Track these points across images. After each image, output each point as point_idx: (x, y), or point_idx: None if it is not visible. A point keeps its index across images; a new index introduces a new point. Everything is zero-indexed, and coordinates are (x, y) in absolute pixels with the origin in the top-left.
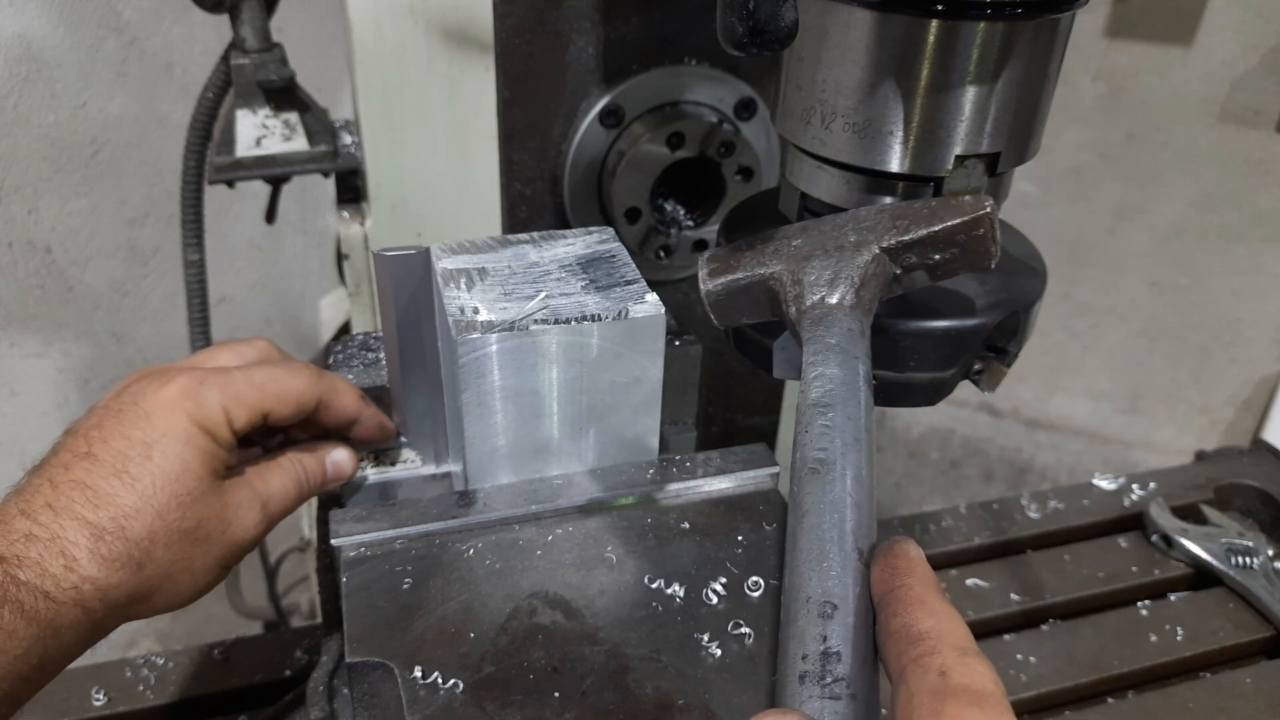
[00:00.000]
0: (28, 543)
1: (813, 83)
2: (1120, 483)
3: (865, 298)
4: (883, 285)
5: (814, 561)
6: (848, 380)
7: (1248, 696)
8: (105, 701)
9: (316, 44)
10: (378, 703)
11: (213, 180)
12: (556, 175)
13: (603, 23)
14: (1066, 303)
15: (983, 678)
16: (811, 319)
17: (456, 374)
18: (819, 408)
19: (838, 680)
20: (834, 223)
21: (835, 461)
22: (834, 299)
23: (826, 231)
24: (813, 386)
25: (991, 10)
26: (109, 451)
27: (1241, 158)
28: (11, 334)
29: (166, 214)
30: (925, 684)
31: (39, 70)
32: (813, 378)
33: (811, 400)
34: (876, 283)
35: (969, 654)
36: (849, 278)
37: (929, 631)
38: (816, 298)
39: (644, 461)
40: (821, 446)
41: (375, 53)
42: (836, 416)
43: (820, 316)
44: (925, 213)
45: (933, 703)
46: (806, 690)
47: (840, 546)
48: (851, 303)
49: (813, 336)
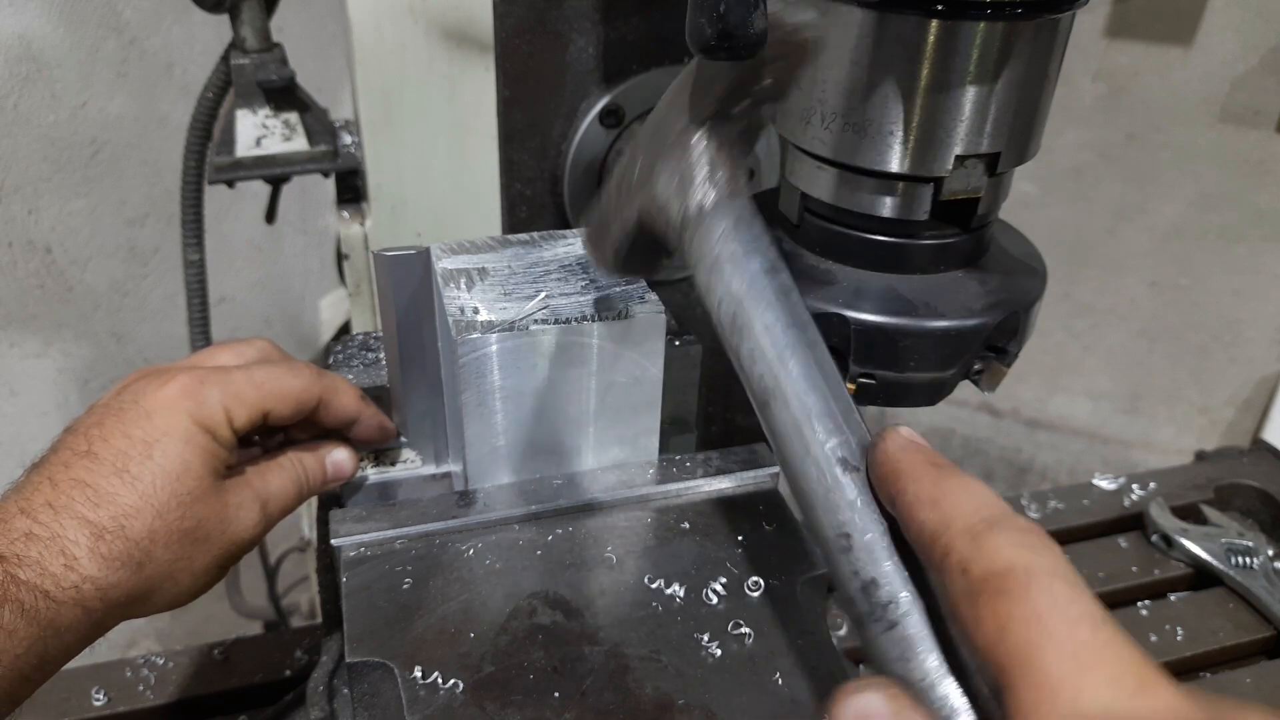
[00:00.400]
0: (28, 541)
1: (812, 83)
2: (1120, 483)
3: (724, 180)
4: (735, 153)
5: (811, 497)
6: (752, 285)
7: (1248, 696)
8: (105, 701)
9: (316, 44)
10: (378, 703)
11: (213, 180)
12: (556, 175)
13: (603, 23)
14: (1066, 303)
15: (999, 552)
16: (691, 237)
17: (456, 374)
18: (735, 332)
19: (884, 606)
20: (656, 121)
21: (776, 386)
22: (693, 204)
23: (653, 136)
24: (720, 311)
25: (991, 10)
26: (109, 450)
27: (1241, 158)
28: (11, 334)
29: (166, 214)
30: (956, 590)
31: (39, 70)
32: (716, 302)
33: (725, 327)
34: (727, 158)
35: (979, 532)
36: (696, 174)
37: (935, 527)
38: (678, 213)
39: (644, 461)
40: (758, 375)
41: (375, 53)
42: (756, 334)
43: (695, 230)
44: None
45: (968, 609)
46: (869, 630)
47: (823, 470)
48: (715, 198)
49: (699, 255)
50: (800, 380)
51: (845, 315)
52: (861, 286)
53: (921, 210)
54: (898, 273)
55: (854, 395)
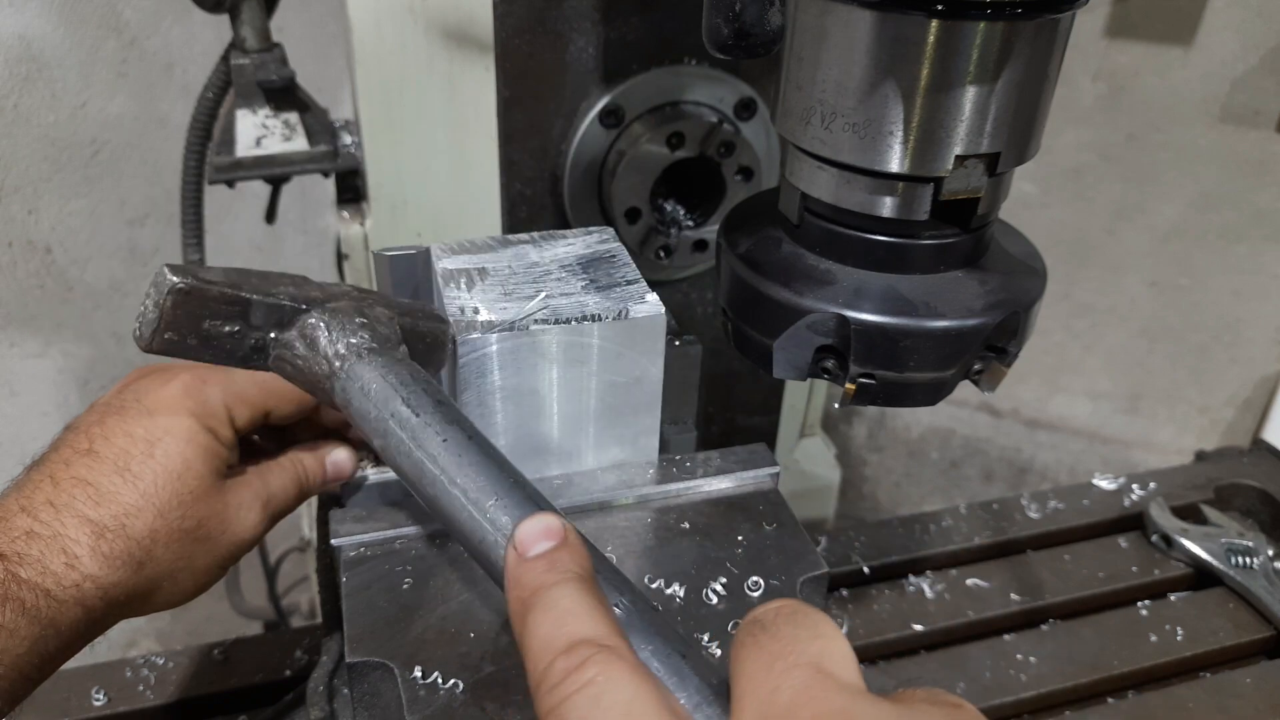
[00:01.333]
0: (29, 540)
1: (813, 83)
2: (1120, 483)
3: (337, 349)
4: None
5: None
6: (402, 433)
7: (1248, 696)
8: (105, 701)
9: (316, 44)
10: (378, 703)
11: (213, 180)
12: (556, 175)
13: (603, 23)
14: (1066, 303)
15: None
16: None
17: (456, 374)
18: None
19: None
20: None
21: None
22: (324, 368)
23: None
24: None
25: (991, 10)
26: (111, 449)
27: (1241, 158)
28: (11, 334)
29: (166, 214)
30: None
31: (39, 70)
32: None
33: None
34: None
35: (538, 688)
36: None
37: (529, 661)
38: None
39: (644, 461)
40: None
41: (375, 53)
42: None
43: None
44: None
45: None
46: None
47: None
48: (328, 369)
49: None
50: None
51: (846, 315)
52: (862, 286)
53: (921, 210)
54: (898, 273)
55: (854, 395)
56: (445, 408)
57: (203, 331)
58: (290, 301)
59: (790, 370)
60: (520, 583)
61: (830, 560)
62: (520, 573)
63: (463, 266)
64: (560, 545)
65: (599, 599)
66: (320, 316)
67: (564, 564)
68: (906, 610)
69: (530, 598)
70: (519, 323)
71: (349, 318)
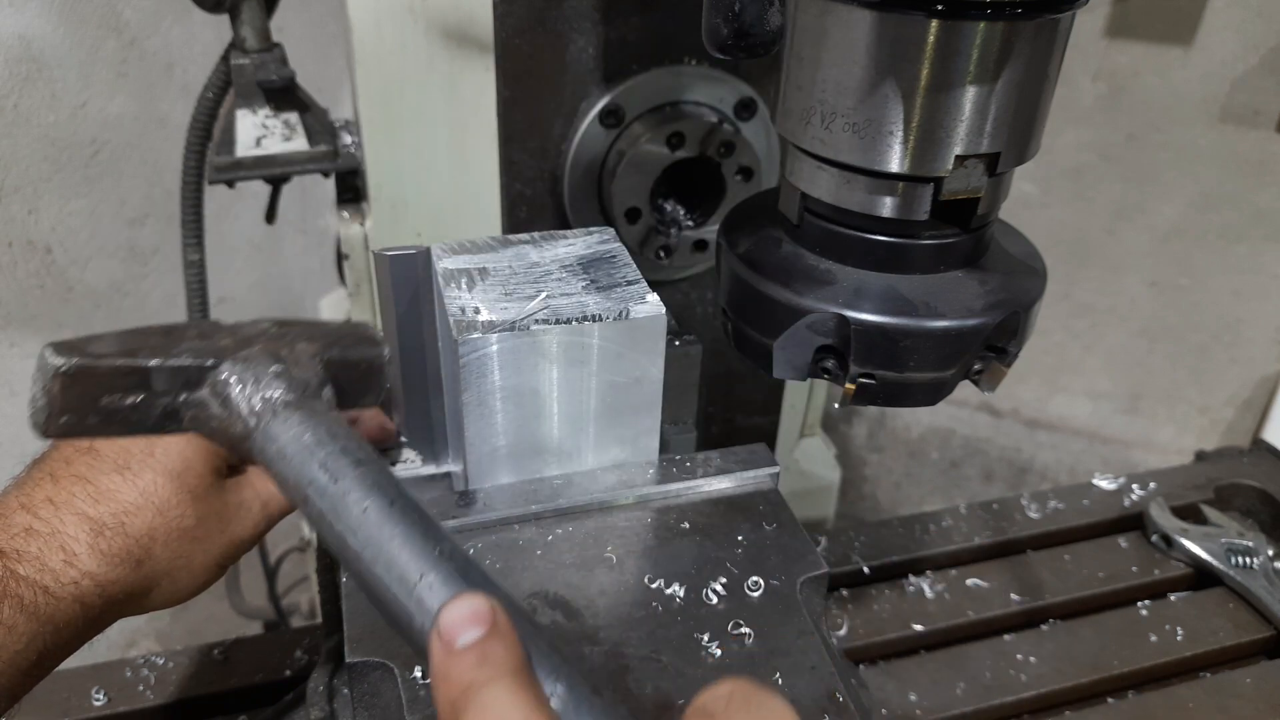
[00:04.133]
0: (28, 537)
1: (813, 83)
2: (1120, 483)
3: (252, 405)
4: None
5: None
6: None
7: (1248, 696)
8: (105, 701)
9: (316, 44)
10: (378, 703)
11: (213, 180)
12: (556, 175)
13: (603, 23)
14: (1066, 303)
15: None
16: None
17: (457, 374)
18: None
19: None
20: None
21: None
22: (239, 426)
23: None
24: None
25: (991, 10)
26: (111, 447)
27: (1241, 158)
28: (11, 334)
29: (166, 214)
30: None
31: (39, 70)
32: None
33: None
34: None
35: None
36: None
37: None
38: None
39: (644, 461)
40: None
41: (375, 53)
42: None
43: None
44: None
45: None
46: None
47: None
48: (243, 429)
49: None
50: (375, 586)
51: (846, 315)
52: (862, 286)
53: (921, 210)
54: (898, 273)
55: (854, 395)
56: (365, 468)
57: (101, 409)
58: (194, 360)
59: (790, 370)
60: (449, 679)
61: (830, 560)
62: (448, 668)
63: (463, 266)
64: (490, 633)
65: (534, 696)
66: (232, 370)
67: (495, 656)
68: (906, 610)
69: (460, 699)
70: (519, 323)
71: (263, 368)
